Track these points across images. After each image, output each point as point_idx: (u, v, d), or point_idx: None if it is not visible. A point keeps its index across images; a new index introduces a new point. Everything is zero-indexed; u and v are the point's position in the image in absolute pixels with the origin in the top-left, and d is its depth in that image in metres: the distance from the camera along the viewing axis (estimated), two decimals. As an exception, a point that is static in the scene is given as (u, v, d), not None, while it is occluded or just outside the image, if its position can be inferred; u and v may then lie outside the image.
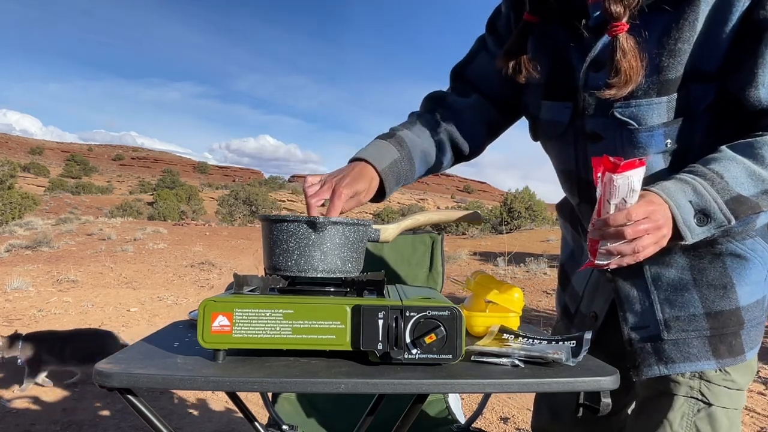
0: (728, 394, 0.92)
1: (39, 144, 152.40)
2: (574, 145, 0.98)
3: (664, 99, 0.85)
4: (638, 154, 0.89)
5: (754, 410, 2.89)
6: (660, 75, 0.85)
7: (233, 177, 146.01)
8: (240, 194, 24.64)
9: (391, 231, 0.98)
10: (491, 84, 1.10)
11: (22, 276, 6.40)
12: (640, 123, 0.87)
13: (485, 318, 0.98)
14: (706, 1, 0.81)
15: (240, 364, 0.74)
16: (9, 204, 15.38)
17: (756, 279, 0.91)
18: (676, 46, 0.83)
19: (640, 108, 0.87)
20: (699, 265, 0.91)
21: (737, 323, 0.90)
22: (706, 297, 0.90)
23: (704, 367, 0.91)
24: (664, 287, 0.93)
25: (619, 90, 0.84)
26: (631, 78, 0.83)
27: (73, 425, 2.49)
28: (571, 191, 1.05)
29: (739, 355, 0.91)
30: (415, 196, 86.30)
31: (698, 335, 0.91)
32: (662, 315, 0.92)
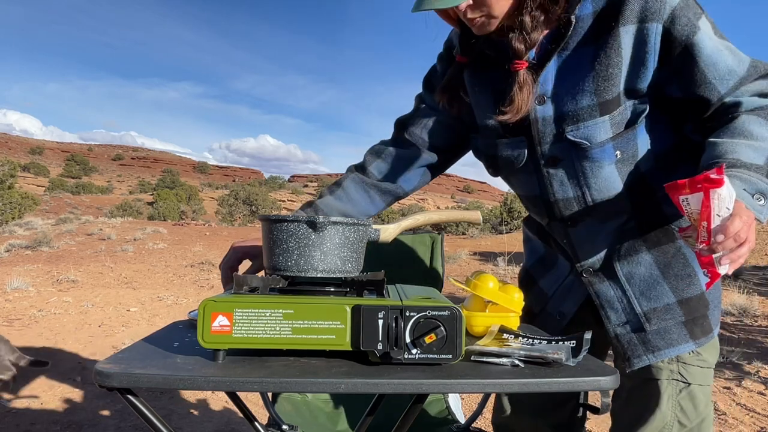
0: (702, 372, 1.03)
1: (39, 144, 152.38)
2: (535, 172, 1.07)
3: (607, 117, 0.96)
4: (594, 167, 1.00)
5: (754, 410, 2.89)
6: (599, 97, 0.95)
7: (233, 177, 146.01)
8: (240, 194, 24.64)
9: (391, 231, 0.98)
10: (434, 137, 1.20)
11: (22, 276, 6.40)
12: (591, 141, 0.97)
13: (485, 318, 0.98)
14: (625, 31, 0.92)
15: (240, 364, 0.74)
16: (9, 204, 15.38)
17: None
18: (608, 71, 0.94)
19: (588, 128, 0.97)
20: (664, 260, 1.01)
21: (705, 306, 1.01)
22: (676, 287, 1.00)
23: (685, 349, 1.01)
24: (638, 284, 1.02)
25: (512, 117, 0.98)
26: (521, 108, 0.97)
27: (73, 425, 2.49)
28: (540, 214, 1.14)
29: (709, 333, 1.02)
30: (415, 196, 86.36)
31: (675, 322, 1.00)
32: (641, 309, 1.02)
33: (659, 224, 1.01)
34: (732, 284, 7.03)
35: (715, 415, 2.85)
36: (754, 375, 3.47)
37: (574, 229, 1.07)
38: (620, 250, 1.02)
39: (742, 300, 5.63)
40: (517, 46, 0.95)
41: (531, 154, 1.05)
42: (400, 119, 1.25)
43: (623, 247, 1.02)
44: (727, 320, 5.32)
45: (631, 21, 0.91)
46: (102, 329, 4.29)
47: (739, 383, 3.30)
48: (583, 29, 0.95)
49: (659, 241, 1.01)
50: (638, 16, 0.91)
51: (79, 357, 3.51)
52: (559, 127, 0.99)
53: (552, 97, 0.99)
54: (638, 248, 1.01)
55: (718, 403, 2.98)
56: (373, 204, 1.22)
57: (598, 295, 1.05)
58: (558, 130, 1.00)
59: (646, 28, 0.91)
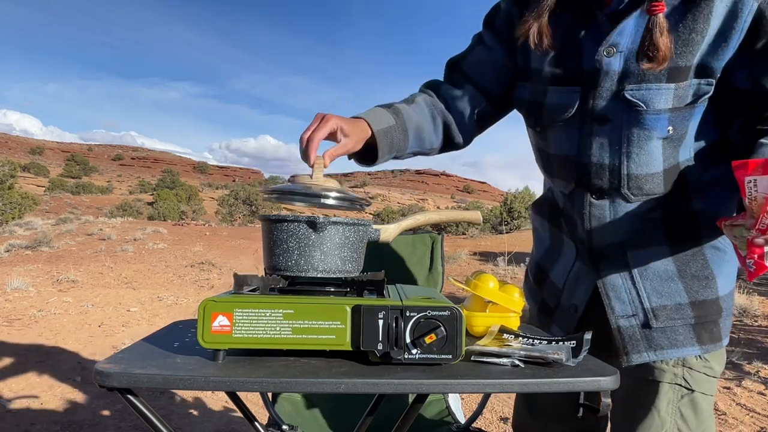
0: (707, 380, 0.99)
1: (39, 144, 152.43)
2: (579, 129, 1.00)
3: (672, 86, 0.90)
4: (641, 136, 0.94)
5: (754, 410, 2.89)
6: (671, 61, 0.89)
7: (233, 177, 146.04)
8: (240, 194, 24.63)
9: (391, 231, 0.98)
10: (486, 77, 1.14)
11: (22, 276, 6.40)
12: (648, 106, 0.92)
13: (485, 318, 0.98)
14: (722, 1, 0.86)
15: (240, 364, 0.74)
16: (9, 204, 15.38)
17: (730, 270, 0.99)
18: (690, 36, 0.88)
19: (650, 91, 0.91)
20: (683, 257, 0.96)
21: (717, 312, 0.97)
22: (691, 287, 0.96)
23: (689, 353, 0.97)
24: (651, 277, 0.97)
25: (659, 65, 0.88)
26: (667, 55, 0.88)
27: (73, 425, 2.49)
28: (567, 177, 1.06)
29: (718, 341, 0.98)
30: (415, 196, 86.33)
31: (684, 323, 0.97)
32: (650, 304, 0.97)
33: (686, 219, 0.96)
34: (732, 284, 7.01)
35: (716, 415, 2.85)
36: (754, 375, 3.47)
37: (597, 201, 1.00)
38: (638, 238, 0.97)
39: (742, 300, 5.63)
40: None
41: (581, 108, 0.99)
42: (452, 59, 1.18)
43: (642, 236, 0.97)
44: (727, 320, 5.31)
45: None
46: (102, 329, 4.29)
47: (739, 383, 3.30)
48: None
49: (681, 236, 0.95)
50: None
51: (79, 357, 3.51)
52: (620, 84, 0.93)
53: (623, 51, 0.92)
54: (658, 240, 0.96)
55: (718, 403, 2.98)
56: (436, 133, 1.14)
57: (604, 283, 1.00)
58: (618, 86, 0.94)
59: (741, 2, 0.86)
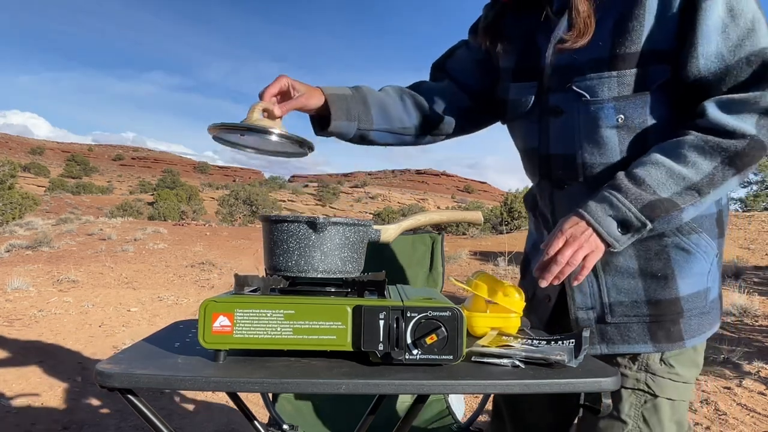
0: (674, 386, 0.98)
1: (39, 144, 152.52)
2: (538, 122, 1.06)
3: (614, 74, 0.93)
4: (591, 125, 0.97)
5: (755, 410, 2.89)
6: (612, 51, 0.92)
7: (233, 177, 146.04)
8: (240, 194, 24.63)
9: (391, 231, 0.98)
10: (466, 73, 1.20)
11: (23, 276, 6.40)
12: (592, 95, 0.95)
13: (486, 318, 0.98)
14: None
15: (241, 365, 0.74)
16: (9, 204, 15.39)
17: (698, 271, 0.97)
18: (628, 25, 0.91)
19: (593, 81, 0.95)
20: (646, 256, 0.97)
21: (676, 312, 0.97)
22: (649, 286, 0.97)
23: (641, 350, 0.98)
24: (612, 272, 0.99)
25: (574, 42, 0.94)
26: (583, 32, 0.93)
27: (73, 425, 2.49)
28: (533, 170, 1.11)
29: (677, 341, 0.97)
30: (415, 196, 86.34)
31: (639, 321, 0.98)
32: (608, 299, 0.99)
33: None
34: (732, 284, 7.03)
35: (716, 415, 2.85)
36: (754, 375, 3.47)
37: (560, 192, 1.04)
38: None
39: (742, 300, 5.63)
40: None
41: (537, 101, 1.04)
42: (436, 60, 1.25)
43: None
44: (727, 320, 5.32)
45: None
46: (102, 329, 4.29)
47: (740, 383, 3.30)
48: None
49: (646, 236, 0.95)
50: None
51: (79, 357, 3.51)
52: (568, 76, 0.98)
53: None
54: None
55: (719, 403, 2.98)
56: (406, 112, 1.18)
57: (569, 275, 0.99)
58: (566, 78, 0.98)
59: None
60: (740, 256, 9.65)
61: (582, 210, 0.89)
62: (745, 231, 12.05)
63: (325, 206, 59.61)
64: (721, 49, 0.87)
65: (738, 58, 0.86)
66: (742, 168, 0.87)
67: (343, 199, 67.30)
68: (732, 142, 0.85)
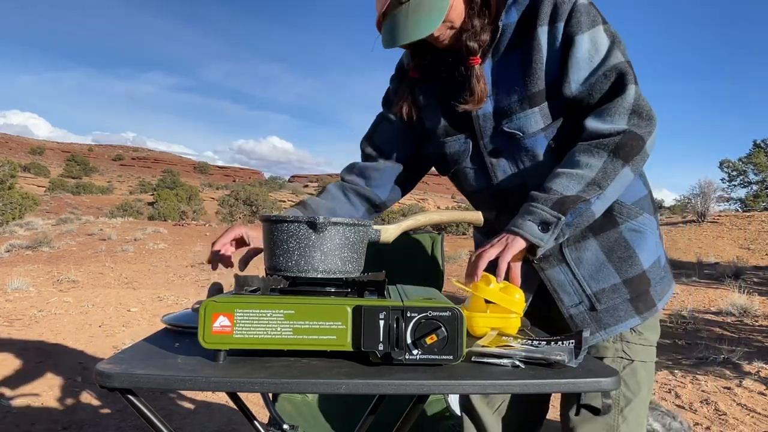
0: (644, 350, 1.14)
1: (39, 144, 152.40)
2: (480, 166, 1.18)
3: (537, 109, 1.09)
4: (530, 157, 1.12)
5: (755, 410, 2.89)
6: (527, 91, 1.08)
7: (233, 177, 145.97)
8: (240, 194, 24.62)
9: (391, 231, 0.98)
10: (394, 146, 1.31)
11: (23, 276, 6.41)
12: (523, 132, 1.10)
13: (486, 318, 0.97)
14: (542, 31, 1.06)
15: (241, 365, 0.74)
16: (9, 204, 15.39)
17: (650, 246, 1.13)
18: (531, 67, 1.08)
19: (520, 120, 1.10)
20: (608, 245, 1.11)
21: (646, 283, 1.12)
22: (620, 268, 1.11)
23: (633, 323, 1.11)
24: (586, 267, 1.11)
25: (474, 105, 1.11)
26: (481, 98, 1.10)
27: (73, 425, 2.50)
28: (489, 208, 1.21)
29: (652, 307, 1.13)
30: (415, 197, 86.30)
31: (622, 300, 1.11)
32: (591, 289, 1.11)
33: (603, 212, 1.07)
34: (732, 284, 7.03)
35: (716, 415, 2.85)
36: (754, 375, 3.47)
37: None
38: (569, 239, 1.10)
39: (742, 300, 5.63)
40: (471, 45, 1.09)
41: (475, 148, 1.18)
42: (363, 138, 1.36)
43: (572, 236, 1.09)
44: (728, 320, 5.32)
45: (546, 22, 1.06)
46: (102, 329, 4.29)
47: (740, 383, 3.30)
48: (510, 34, 1.09)
49: (603, 227, 1.10)
50: (550, 17, 1.06)
51: (79, 357, 3.51)
52: (497, 121, 1.12)
53: (490, 96, 1.12)
54: (585, 235, 1.10)
55: (719, 403, 2.98)
56: (353, 207, 1.30)
57: (550, 280, 1.13)
58: (496, 123, 1.12)
59: (555, 28, 1.05)
60: (740, 256, 9.66)
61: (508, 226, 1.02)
62: (745, 231, 12.05)
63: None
64: (586, 73, 1.05)
65: (597, 75, 1.04)
66: (627, 158, 1.01)
67: (343, 199, 67.15)
68: (611, 139, 1.02)
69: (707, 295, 6.63)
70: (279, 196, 50.98)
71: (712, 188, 14.14)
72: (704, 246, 10.98)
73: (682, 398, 3.11)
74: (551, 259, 1.12)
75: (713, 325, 5.11)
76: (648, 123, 1.03)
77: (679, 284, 7.47)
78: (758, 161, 23.64)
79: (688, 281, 7.73)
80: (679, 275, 8.10)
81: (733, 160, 25.01)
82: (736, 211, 20.08)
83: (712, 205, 14.02)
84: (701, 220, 13.51)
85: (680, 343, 4.50)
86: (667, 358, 3.99)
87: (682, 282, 7.61)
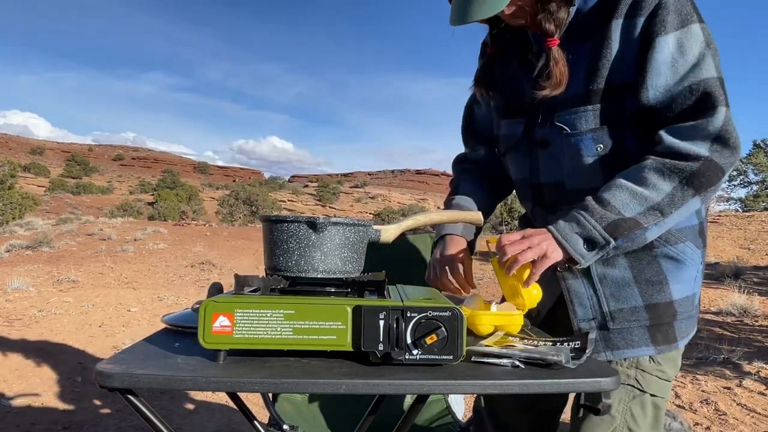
0: (658, 383, 1.05)
1: (39, 144, 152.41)
2: (528, 154, 1.15)
3: (590, 108, 1.01)
4: (574, 155, 1.05)
5: (755, 410, 2.89)
6: (587, 87, 1.01)
7: (234, 177, 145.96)
8: (240, 194, 24.62)
9: (391, 231, 0.98)
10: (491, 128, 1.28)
11: (23, 276, 6.40)
12: (572, 128, 1.04)
13: (488, 317, 0.97)
14: (617, 25, 0.97)
15: (241, 365, 0.74)
16: (9, 204, 15.39)
17: (687, 278, 1.05)
18: (598, 63, 1.00)
19: (571, 115, 1.04)
20: (638, 266, 1.04)
21: (671, 314, 1.04)
22: (645, 292, 1.03)
23: (644, 352, 1.04)
24: (609, 284, 1.05)
25: (552, 90, 1.02)
26: (560, 81, 1.02)
27: (73, 425, 2.50)
28: (526, 197, 1.21)
29: (672, 342, 1.05)
30: (415, 196, 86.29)
31: (639, 325, 1.04)
32: (608, 308, 1.05)
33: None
34: (732, 284, 7.03)
35: (716, 415, 2.85)
36: (754, 375, 3.47)
37: (553, 217, 1.08)
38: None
39: (742, 300, 5.63)
40: (547, 26, 1.01)
41: (525, 136, 1.14)
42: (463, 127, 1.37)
43: None
44: (728, 320, 5.32)
45: (623, 15, 0.97)
46: (102, 329, 4.29)
47: (740, 383, 3.30)
48: (583, 22, 1.02)
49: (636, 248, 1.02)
50: (629, 10, 0.96)
51: (79, 357, 3.51)
52: (552, 112, 1.07)
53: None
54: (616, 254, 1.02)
55: (719, 403, 2.98)
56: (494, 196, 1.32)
57: (568, 290, 1.09)
58: (550, 114, 1.07)
59: (633, 23, 0.96)
60: (740, 256, 9.66)
61: (551, 226, 0.97)
62: (745, 231, 12.05)
63: (325, 206, 59.61)
64: (669, 81, 0.95)
65: (682, 87, 0.94)
66: (700, 188, 0.93)
67: (343, 199, 67.29)
68: (687, 164, 0.93)
69: (707, 295, 6.63)
70: (279, 196, 50.96)
71: (712, 188, 14.15)
72: (704, 246, 10.96)
73: (682, 398, 3.11)
74: (575, 270, 1.07)
75: (713, 325, 5.11)
76: (732, 153, 0.93)
77: (679, 284, 7.45)
78: (758, 161, 23.65)
79: (688, 281, 7.71)
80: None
81: (733, 160, 24.94)
82: (736, 211, 20.08)
83: (712, 205, 14.05)
84: (701, 220, 13.51)
85: (680, 343, 4.49)
86: (667, 358, 3.98)
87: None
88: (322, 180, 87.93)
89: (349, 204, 64.02)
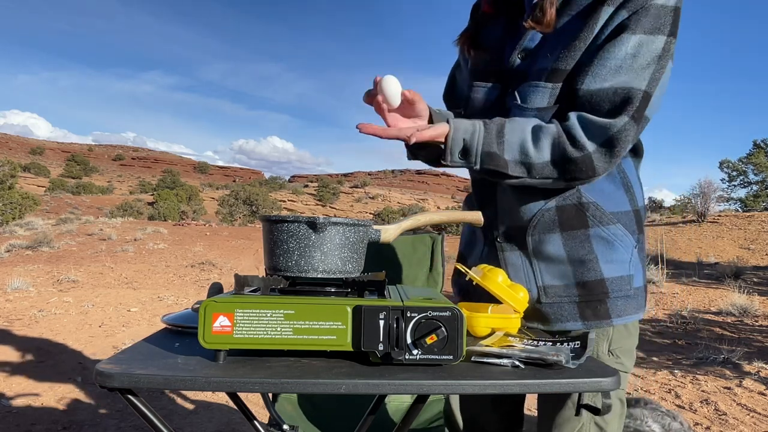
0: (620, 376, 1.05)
1: (39, 144, 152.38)
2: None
3: (549, 86, 1.02)
4: None
5: (755, 410, 2.89)
6: (554, 64, 1.01)
7: (234, 177, 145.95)
8: (240, 194, 24.62)
9: (391, 231, 0.98)
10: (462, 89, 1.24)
11: (23, 276, 6.41)
12: (523, 101, 1.05)
13: (487, 319, 0.98)
14: (605, 11, 0.96)
15: (241, 365, 0.74)
16: (9, 204, 15.39)
17: (618, 259, 1.07)
18: (573, 42, 0.99)
19: (529, 89, 1.04)
20: (572, 244, 1.07)
21: (602, 292, 1.06)
22: (577, 270, 1.07)
23: (573, 327, 1.07)
24: (544, 259, 1.08)
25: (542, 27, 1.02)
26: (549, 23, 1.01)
27: (73, 425, 2.50)
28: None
29: (604, 319, 1.07)
30: (415, 196, 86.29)
31: (570, 301, 1.07)
32: (542, 282, 1.08)
33: (576, 210, 1.06)
34: (732, 284, 7.03)
35: (716, 415, 2.85)
36: (754, 375, 3.47)
37: (502, 189, 1.12)
38: (536, 225, 1.08)
39: (742, 300, 5.63)
40: None
41: (497, 101, 1.12)
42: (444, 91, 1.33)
43: (539, 223, 1.07)
44: (728, 320, 5.32)
45: (615, 4, 0.96)
46: (102, 329, 4.29)
47: (740, 383, 3.30)
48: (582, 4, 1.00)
49: (572, 224, 1.06)
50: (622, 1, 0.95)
51: (79, 357, 3.51)
52: (518, 82, 1.07)
53: (531, 53, 1.06)
54: (552, 227, 1.07)
55: (719, 403, 2.98)
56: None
57: (506, 262, 1.11)
58: (517, 84, 1.07)
59: (619, 14, 0.96)
60: (740, 256, 9.66)
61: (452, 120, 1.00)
62: (745, 231, 12.05)
63: (325, 206, 59.59)
64: (606, 75, 0.96)
65: (610, 85, 0.96)
66: (566, 174, 0.99)
67: (343, 199, 67.28)
68: (572, 150, 0.97)
69: (707, 295, 6.63)
70: (279, 196, 50.96)
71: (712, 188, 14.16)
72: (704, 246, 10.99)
73: (682, 398, 3.11)
74: (513, 244, 1.11)
75: (713, 325, 5.11)
76: (610, 160, 0.98)
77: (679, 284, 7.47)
78: (758, 161, 23.65)
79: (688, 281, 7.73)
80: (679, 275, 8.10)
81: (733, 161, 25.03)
82: (736, 211, 20.08)
83: (712, 205, 14.04)
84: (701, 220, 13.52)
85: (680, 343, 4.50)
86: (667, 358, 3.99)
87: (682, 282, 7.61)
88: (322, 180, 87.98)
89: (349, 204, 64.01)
